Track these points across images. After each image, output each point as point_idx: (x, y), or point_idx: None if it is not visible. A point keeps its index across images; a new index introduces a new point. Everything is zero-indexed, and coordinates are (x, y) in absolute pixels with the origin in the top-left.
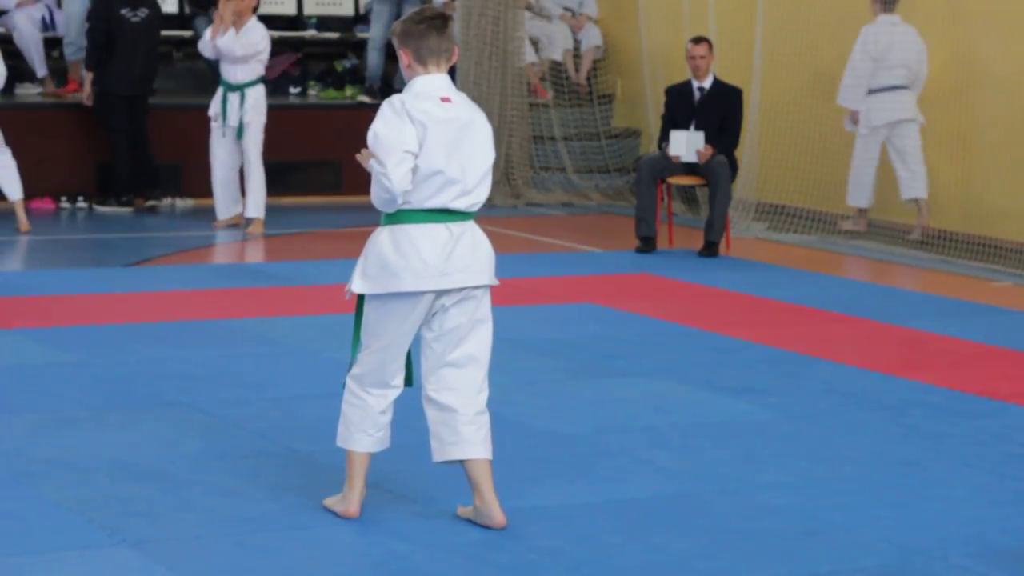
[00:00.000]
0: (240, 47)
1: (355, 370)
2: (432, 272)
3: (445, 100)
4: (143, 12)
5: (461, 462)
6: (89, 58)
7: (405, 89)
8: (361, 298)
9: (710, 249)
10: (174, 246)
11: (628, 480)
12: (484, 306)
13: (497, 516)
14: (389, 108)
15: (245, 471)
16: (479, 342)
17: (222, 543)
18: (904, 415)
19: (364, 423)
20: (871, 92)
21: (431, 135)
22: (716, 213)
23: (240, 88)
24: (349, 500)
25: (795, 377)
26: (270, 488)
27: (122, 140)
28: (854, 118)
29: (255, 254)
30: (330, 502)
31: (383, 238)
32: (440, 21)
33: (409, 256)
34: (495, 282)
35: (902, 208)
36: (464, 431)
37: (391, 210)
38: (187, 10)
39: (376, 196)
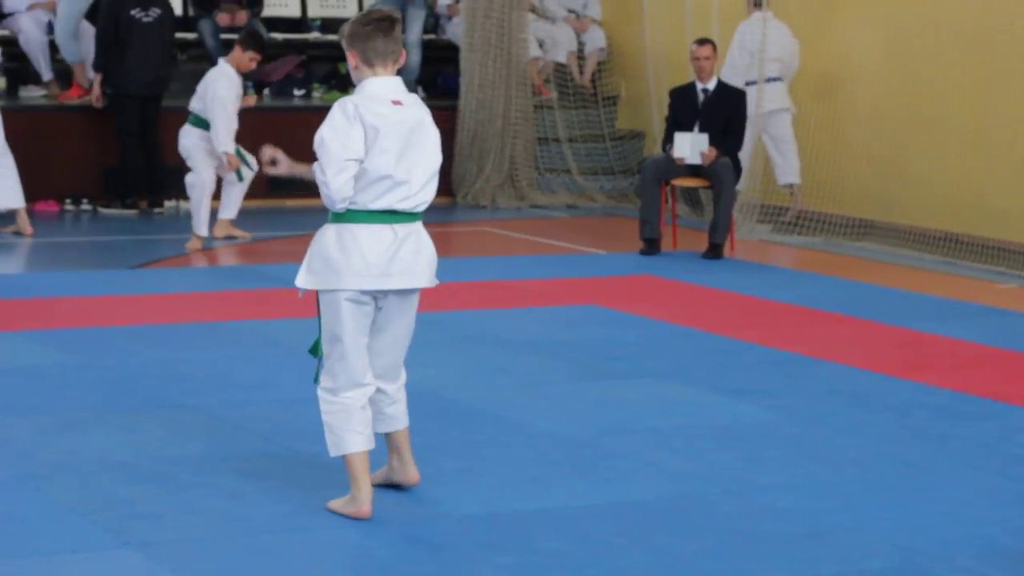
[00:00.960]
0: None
1: (325, 383)
2: (374, 272)
3: (396, 103)
4: (155, 12)
5: (386, 434)
6: (96, 59)
7: (356, 91)
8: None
9: (714, 251)
10: (178, 249)
11: (632, 482)
12: (413, 302)
13: (412, 473)
14: (340, 112)
15: (249, 473)
16: (401, 330)
17: (226, 545)
18: (907, 417)
19: (350, 423)
20: (747, 84)
21: (382, 139)
22: (720, 215)
23: None
24: (360, 501)
25: (798, 379)
26: (274, 490)
27: (132, 142)
28: None
29: (258, 257)
30: (337, 505)
31: (329, 235)
32: (387, 23)
33: (352, 255)
34: (434, 284)
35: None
36: (388, 411)
37: (337, 211)
38: (191, 12)
39: (322, 197)
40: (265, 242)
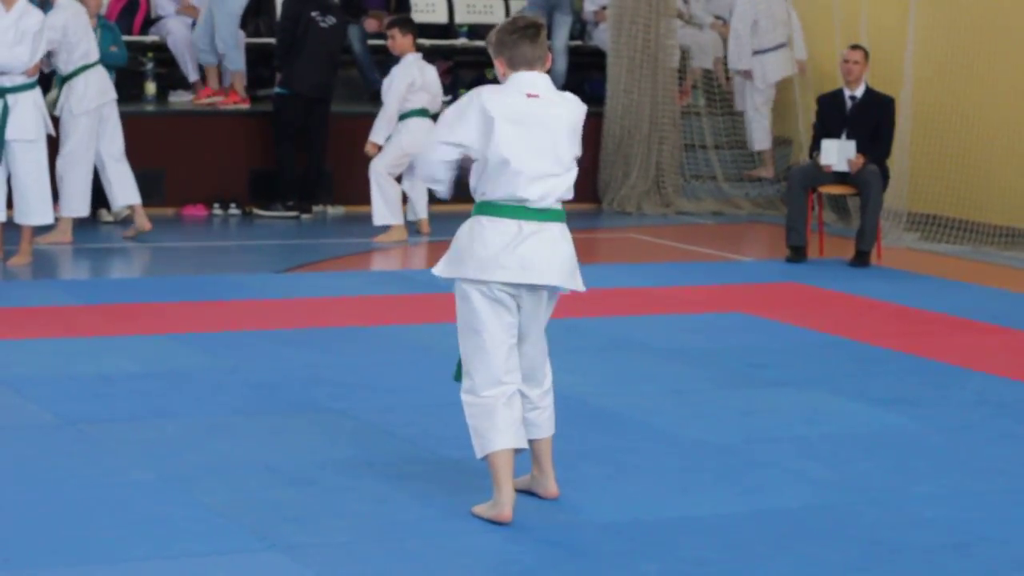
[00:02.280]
0: None
1: (465, 385)
2: (493, 264)
3: (532, 96)
4: (331, 19)
5: (529, 441)
6: (280, 59)
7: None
8: None
9: (861, 259)
10: (325, 253)
11: (777, 490)
12: (544, 302)
13: (551, 487)
14: (465, 97)
15: (395, 477)
16: (537, 331)
17: (372, 549)
18: None
19: (494, 421)
20: (757, 53)
21: (498, 125)
22: (867, 222)
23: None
24: (501, 504)
25: (946, 388)
26: (420, 495)
27: (291, 143)
28: (747, 76)
29: (406, 261)
30: (480, 509)
31: (465, 226)
32: (533, 30)
33: (476, 244)
34: (569, 287)
35: None
36: (530, 416)
37: (437, 189)
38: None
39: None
40: (414, 247)
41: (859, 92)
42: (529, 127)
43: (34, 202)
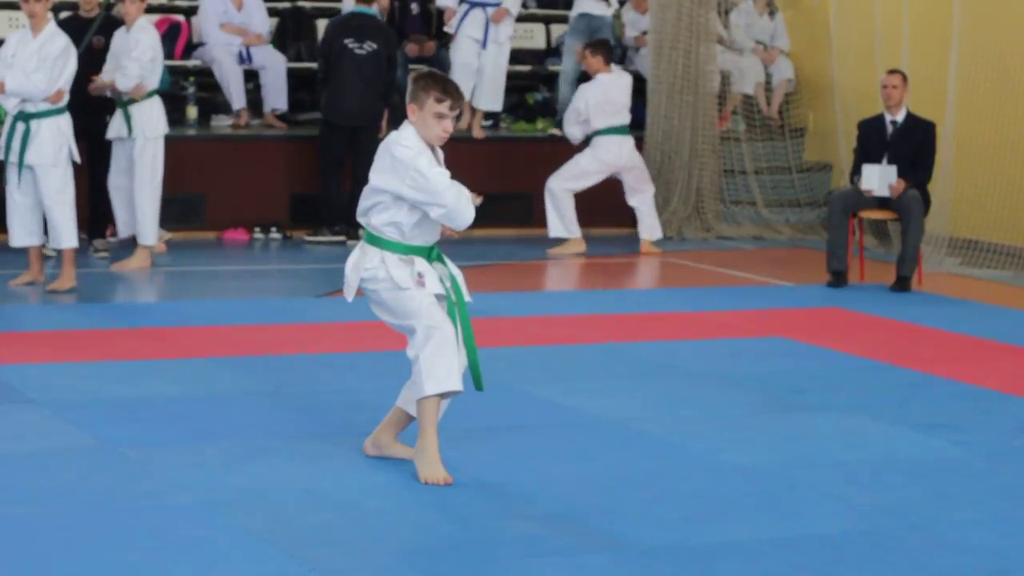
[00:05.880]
0: None
1: None
2: None
3: None
4: (370, 46)
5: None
6: (320, 86)
7: None
8: None
9: (902, 284)
10: None
11: (818, 516)
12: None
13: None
14: None
15: (436, 502)
16: None
17: (411, 574)
18: None
19: None
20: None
21: None
22: (908, 248)
23: None
24: None
25: (988, 414)
26: (460, 519)
27: (335, 170)
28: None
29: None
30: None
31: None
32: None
33: None
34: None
35: None
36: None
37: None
38: None
39: None
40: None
41: (900, 117)
42: None
43: (58, 226)
